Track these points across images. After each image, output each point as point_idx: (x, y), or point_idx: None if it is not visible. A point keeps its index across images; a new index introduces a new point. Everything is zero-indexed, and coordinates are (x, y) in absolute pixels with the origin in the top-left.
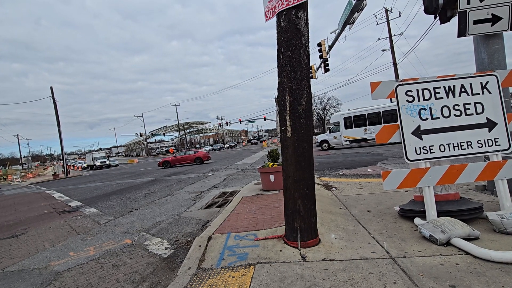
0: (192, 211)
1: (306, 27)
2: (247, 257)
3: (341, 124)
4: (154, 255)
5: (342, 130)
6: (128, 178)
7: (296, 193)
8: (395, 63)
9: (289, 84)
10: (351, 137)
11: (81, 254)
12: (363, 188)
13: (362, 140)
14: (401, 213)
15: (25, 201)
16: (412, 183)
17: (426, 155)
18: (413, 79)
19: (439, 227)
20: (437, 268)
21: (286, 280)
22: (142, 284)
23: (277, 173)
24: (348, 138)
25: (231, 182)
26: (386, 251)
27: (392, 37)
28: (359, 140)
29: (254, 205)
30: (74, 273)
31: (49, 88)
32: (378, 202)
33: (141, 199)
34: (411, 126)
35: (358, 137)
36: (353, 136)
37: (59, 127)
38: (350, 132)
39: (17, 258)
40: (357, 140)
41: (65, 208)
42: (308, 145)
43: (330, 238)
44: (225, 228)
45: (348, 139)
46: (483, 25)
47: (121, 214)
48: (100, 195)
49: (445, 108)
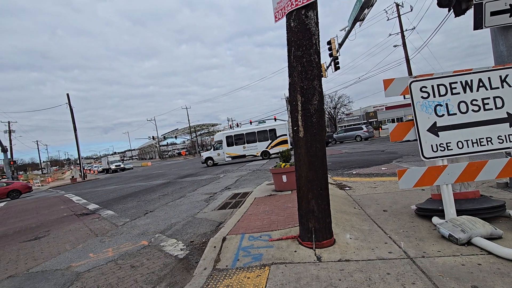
0: (205, 213)
1: (316, 26)
2: (262, 257)
3: (223, 142)
4: (170, 256)
5: (224, 148)
6: (142, 181)
7: (310, 193)
8: (407, 59)
9: (300, 84)
10: (233, 153)
11: (100, 256)
12: (378, 187)
13: (241, 156)
14: (418, 212)
15: (45, 204)
16: (429, 181)
17: (443, 152)
18: (428, 75)
19: (459, 226)
20: (458, 269)
21: (301, 281)
22: (159, 285)
23: (290, 173)
24: (230, 154)
25: (243, 183)
26: (404, 251)
27: (404, 32)
28: (239, 156)
29: (267, 205)
30: (94, 274)
31: (65, 95)
32: (393, 201)
33: (156, 201)
34: (427, 123)
35: (238, 153)
36: (234, 152)
37: (76, 133)
38: (231, 149)
39: (41, 259)
40: (238, 156)
41: (84, 211)
42: (320, 145)
43: (345, 238)
44: (239, 229)
45: (230, 156)
46: (501, 17)
47: (137, 216)
48: (116, 198)
49: (462, 104)
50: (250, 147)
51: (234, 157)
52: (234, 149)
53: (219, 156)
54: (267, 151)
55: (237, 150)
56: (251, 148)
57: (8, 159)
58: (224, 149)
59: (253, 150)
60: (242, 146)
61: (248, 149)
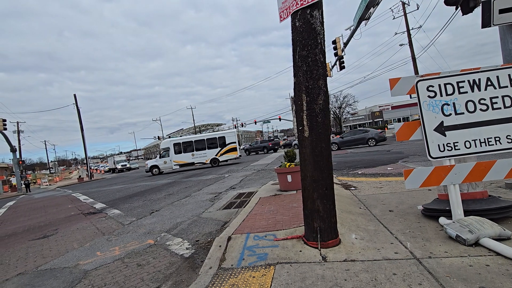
0: (210, 212)
1: (321, 25)
2: (267, 257)
3: (171, 150)
4: (176, 255)
5: (172, 155)
6: (148, 180)
7: (315, 193)
8: (413, 58)
9: (306, 83)
10: (181, 161)
11: (107, 254)
12: (384, 187)
13: (190, 164)
14: (425, 212)
15: (53, 203)
16: (436, 181)
17: (450, 152)
18: (435, 74)
19: (466, 226)
20: (466, 270)
21: (307, 281)
22: (165, 283)
23: (295, 173)
24: (178, 162)
25: (248, 183)
26: (410, 251)
27: (410, 30)
28: (187, 164)
29: (272, 205)
30: (102, 272)
31: (72, 95)
32: (399, 201)
33: (161, 201)
34: (434, 123)
35: (187, 161)
36: (182, 160)
37: (83, 133)
38: (179, 157)
39: (49, 257)
40: (186, 164)
41: (91, 210)
42: (326, 145)
43: (351, 238)
44: (244, 229)
45: (178, 164)
46: (510, 14)
47: (143, 215)
48: (123, 197)
49: (470, 103)
50: (199, 155)
51: (182, 165)
52: (183, 156)
53: (166, 164)
54: (216, 158)
55: (186, 158)
56: (200, 155)
57: (17, 159)
58: (171, 156)
59: (202, 158)
60: (190, 153)
61: (197, 157)
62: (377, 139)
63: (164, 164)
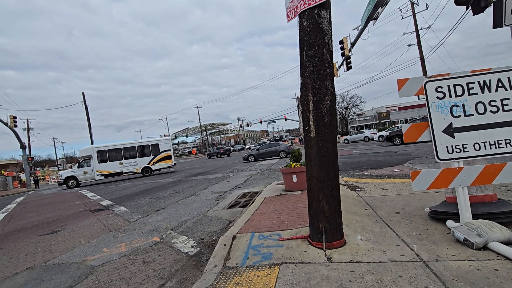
0: (215, 211)
1: (329, 25)
2: (272, 257)
3: (93, 158)
4: (181, 253)
5: (95, 164)
6: (153, 179)
7: (321, 193)
8: (422, 58)
9: (312, 83)
10: (106, 171)
11: (114, 250)
12: (390, 188)
13: (117, 174)
14: (432, 215)
15: (61, 200)
16: (443, 183)
17: (459, 154)
18: (444, 75)
19: (474, 230)
20: (473, 273)
21: (311, 281)
22: (170, 280)
23: (300, 173)
24: (103, 172)
25: (253, 182)
26: (417, 254)
27: (419, 31)
28: (115, 173)
29: (277, 205)
30: (108, 268)
31: (81, 94)
32: (406, 203)
33: (167, 199)
34: (442, 124)
35: (114, 171)
36: (108, 170)
37: (91, 130)
38: (104, 166)
39: (57, 252)
40: (113, 174)
41: (98, 207)
42: (332, 145)
43: (356, 239)
44: (249, 228)
45: (102, 174)
46: None
47: (149, 212)
48: (129, 195)
49: (480, 104)
50: (129, 163)
51: (108, 175)
52: (108, 165)
53: (86, 174)
54: (149, 167)
55: (112, 167)
56: (131, 164)
57: (26, 156)
58: (94, 166)
59: (132, 167)
60: (118, 162)
61: (126, 166)
62: (287, 152)
63: (84, 174)
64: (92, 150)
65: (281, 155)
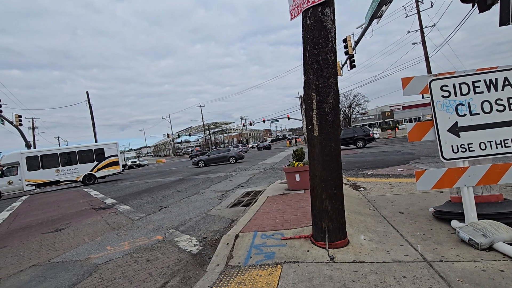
0: (218, 210)
1: (332, 23)
2: (274, 256)
3: (21, 166)
4: (184, 252)
5: (24, 173)
6: (157, 177)
7: (324, 192)
8: (427, 57)
9: (316, 82)
10: (39, 180)
11: (117, 249)
12: (394, 188)
13: (53, 183)
14: (436, 215)
15: (66, 198)
16: (448, 183)
17: (464, 153)
18: (449, 73)
19: (480, 230)
20: (479, 274)
21: (314, 281)
22: (173, 279)
23: (303, 172)
24: (33, 182)
25: (255, 181)
26: (421, 254)
27: (424, 29)
28: (49, 183)
29: (279, 204)
30: (111, 266)
31: (85, 93)
32: (410, 203)
33: (170, 197)
34: (447, 123)
35: (48, 179)
36: (40, 179)
37: (94, 129)
38: (36, 175)
39: (61, 250)
40: (47, 183)
41: (101, 205)
42: (335, 144)
43: (360, 239)
44: (252, 227)
45: (33, 183)
46: None
47: (152, 211)
48: (132, 193)
49: (486, 103)
50: (67, 171)
51: (41, 184)
52: (41, 173)
53: (12, 185)
54: (92, 174)
55: (46, 175)
56: (69, 171)
57: None
58: (22, 174)
59: (71, 174)
60: (54, 169)
61: (64, 173)
62: (236, 158)
63: (9, 185)
64: (19, 156)
65: (231, 161)
